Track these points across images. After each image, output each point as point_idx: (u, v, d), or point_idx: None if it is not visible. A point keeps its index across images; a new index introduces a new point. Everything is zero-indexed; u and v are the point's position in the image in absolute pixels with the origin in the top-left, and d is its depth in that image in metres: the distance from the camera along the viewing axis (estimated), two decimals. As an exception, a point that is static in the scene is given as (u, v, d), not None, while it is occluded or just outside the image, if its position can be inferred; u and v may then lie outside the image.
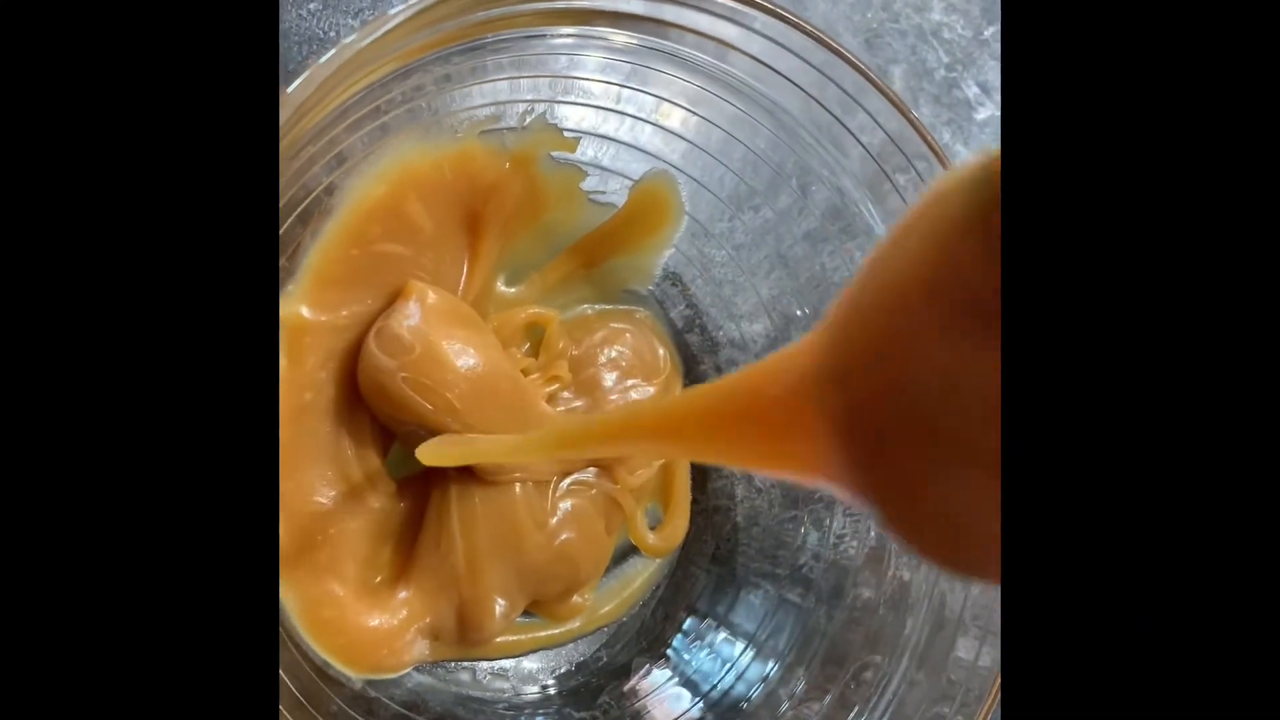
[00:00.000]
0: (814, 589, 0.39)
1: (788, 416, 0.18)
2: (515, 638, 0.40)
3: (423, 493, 0.37)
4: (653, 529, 0.42)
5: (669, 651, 0.42)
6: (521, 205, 0.37)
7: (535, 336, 0.41)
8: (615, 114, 0.38)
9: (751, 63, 0.34)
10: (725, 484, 0.44)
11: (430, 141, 0.35)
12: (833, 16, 0.49)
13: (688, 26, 0.34)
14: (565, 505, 0.39)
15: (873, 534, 0.37)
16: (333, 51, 0.27)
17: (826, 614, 0.38)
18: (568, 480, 0.39)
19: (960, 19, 0.50)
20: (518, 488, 0.37)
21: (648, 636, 0.42)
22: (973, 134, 0.50)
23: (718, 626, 0.41)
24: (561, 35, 0.34)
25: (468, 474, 0.37)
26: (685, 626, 0.42)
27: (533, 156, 0.37)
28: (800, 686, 0.37)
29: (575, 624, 0.41)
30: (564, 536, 0.38)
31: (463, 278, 0.37)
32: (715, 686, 0.40)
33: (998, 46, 0.50)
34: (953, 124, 0.50)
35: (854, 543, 0.38)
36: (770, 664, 0.39)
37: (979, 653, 0.33)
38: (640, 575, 0.43)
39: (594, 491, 0.39)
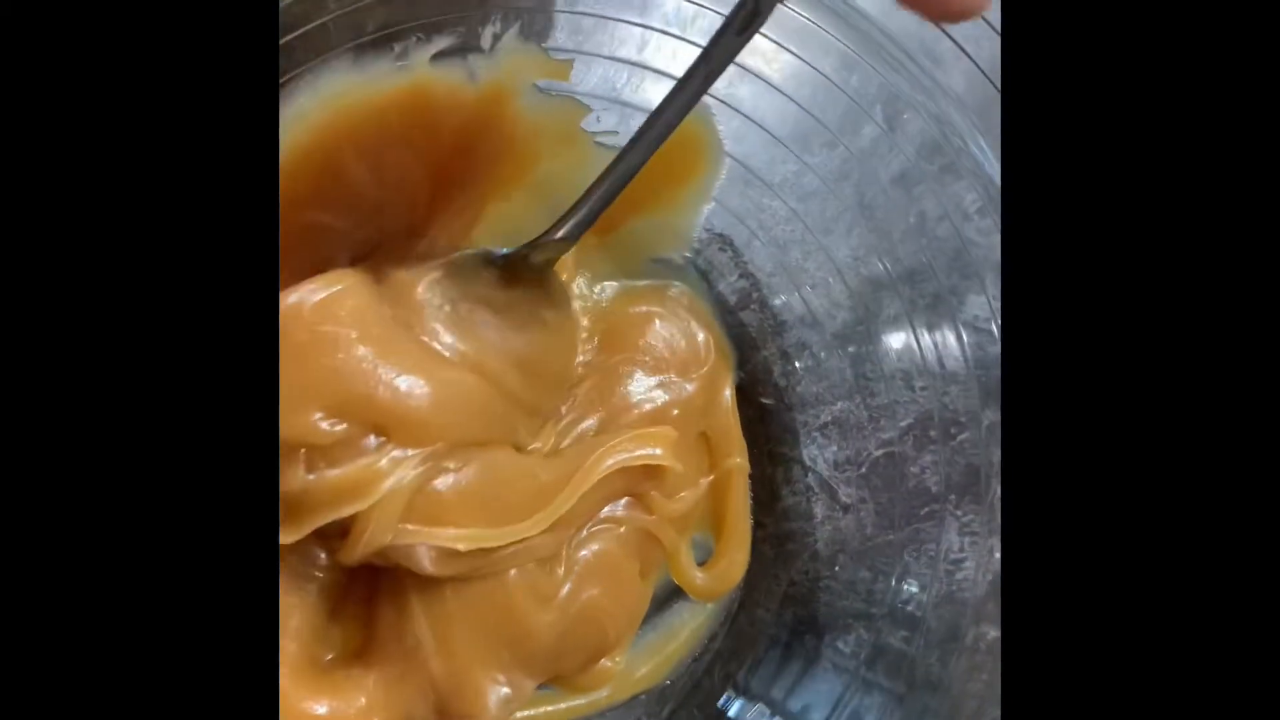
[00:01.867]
0: (922, 630, 0.33)
1: None
2: (527, 714, 0.32)
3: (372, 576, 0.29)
4: (702, 565, 0.35)
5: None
6: (503, 156, 0.30)
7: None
8: (629, 26, 0.31)
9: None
10: (799, 501, 0.37)
11: (363, 73, 0.27)
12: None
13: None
14: (585, 553, 0.31)
15: (998, 555, 0.32)
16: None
17: (940, 660, 0.32)
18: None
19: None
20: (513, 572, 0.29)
21: (702, 702, 0.35)
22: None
23: (782, 705, 0.34)
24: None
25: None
26: (733, 710, 0.35)
27: (510, 89, 0.29)
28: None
29: (604, 693, 0.34)
30: (585, 596, 0.31)
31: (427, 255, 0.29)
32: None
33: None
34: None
35: (973, 568, 0.32)
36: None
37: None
38: (687, 625, 0.36)
39: (623, 529, 0.32)
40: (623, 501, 0.32)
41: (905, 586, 0.34)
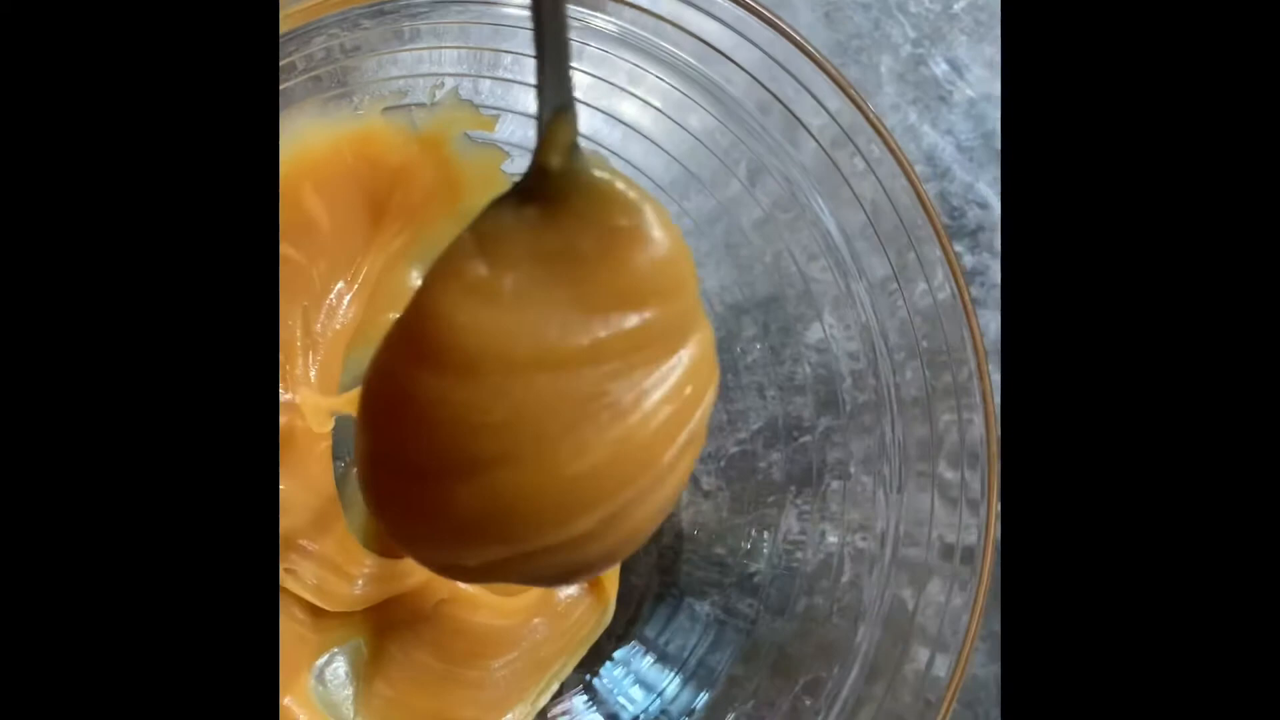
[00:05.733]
0: (763, 597, 0.37)
1: None
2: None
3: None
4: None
5: (598, 678, 0.39)
6: (434, 191, 0.34)
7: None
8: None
9: (694, 42, 0.31)
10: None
11: (327, 118, 0.31)
12: (790, -14, 0.45)
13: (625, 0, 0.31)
14: None
15: (829, 539, 0.36)
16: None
17: (776, 623, 0.36)
18: None
19: (928, -10, 0.46)
20: None
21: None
22: (940, 114, 0.46)
23: (654, 643, 0.38)
24: (484, 3, 0.31)
25: None
26: (615, 653, 0.39)
27: (445, 136, 0.34)
28: (750, 704, 0.35)
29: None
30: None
31: (358, 280, 0.34)
32: (648, 709, 0.37)
33: (969, 20, 0.47)
34: (919, 103, 0.46)
35: (806, 549, 0.36)
36: (715, 677, 0.37)
37: (932, 661, 0.31)
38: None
39: None
40: None
41: (751, 562, 0.37)
